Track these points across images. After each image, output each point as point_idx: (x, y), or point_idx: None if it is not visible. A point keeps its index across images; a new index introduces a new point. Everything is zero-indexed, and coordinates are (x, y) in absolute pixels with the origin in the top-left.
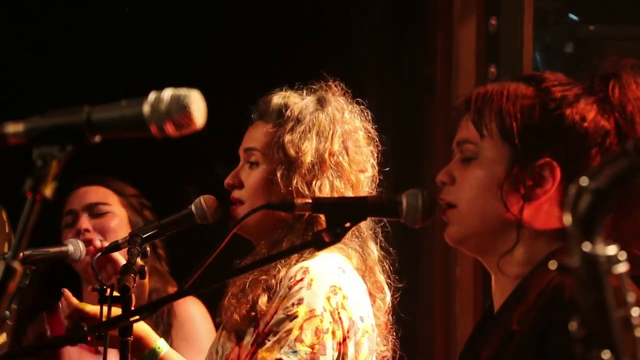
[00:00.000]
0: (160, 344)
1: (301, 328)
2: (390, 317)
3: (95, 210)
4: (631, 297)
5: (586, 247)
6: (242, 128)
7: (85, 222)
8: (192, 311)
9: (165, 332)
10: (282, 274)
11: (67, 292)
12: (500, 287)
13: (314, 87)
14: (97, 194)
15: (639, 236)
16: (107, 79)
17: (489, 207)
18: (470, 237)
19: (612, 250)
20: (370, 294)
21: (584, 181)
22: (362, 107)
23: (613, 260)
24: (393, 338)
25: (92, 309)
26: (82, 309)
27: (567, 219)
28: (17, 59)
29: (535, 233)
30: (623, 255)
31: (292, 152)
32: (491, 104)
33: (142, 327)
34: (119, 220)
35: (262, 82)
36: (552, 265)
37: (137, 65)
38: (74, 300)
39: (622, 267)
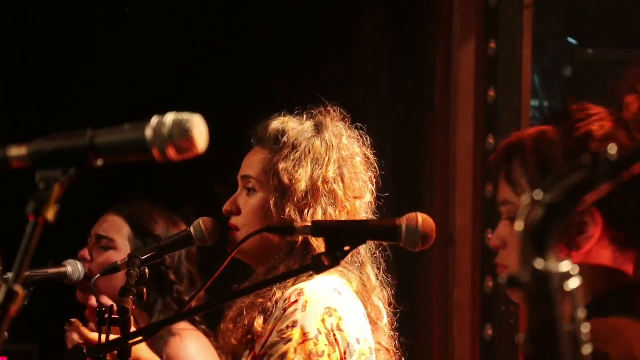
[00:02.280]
0: None
1: (295, 352)
2: (396, 342)
3: (101, 243)
4: (581, 313)
5: (538, 263)
6: (241, 143)
7: (87, 251)
8: (189, 350)
9: None
10: (277, 295)
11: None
12: None
13: (313, 112)
14: (111, 225)
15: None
16: (104, 96)
17: None
18: None
19: (564, 266)
20: (370, 318)
21: (537, 195)
22: (361, 132)
23: (565, 276)
24: None
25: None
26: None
27: (519, 230)
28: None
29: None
30: (575, 270)
31: (286, 179)
32: (519, 158)
33: (141, 352)
34: (122, 256)
35: (261, 95)
36: (502, 279)
37: (134, 82)
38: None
39: (574, 283)
